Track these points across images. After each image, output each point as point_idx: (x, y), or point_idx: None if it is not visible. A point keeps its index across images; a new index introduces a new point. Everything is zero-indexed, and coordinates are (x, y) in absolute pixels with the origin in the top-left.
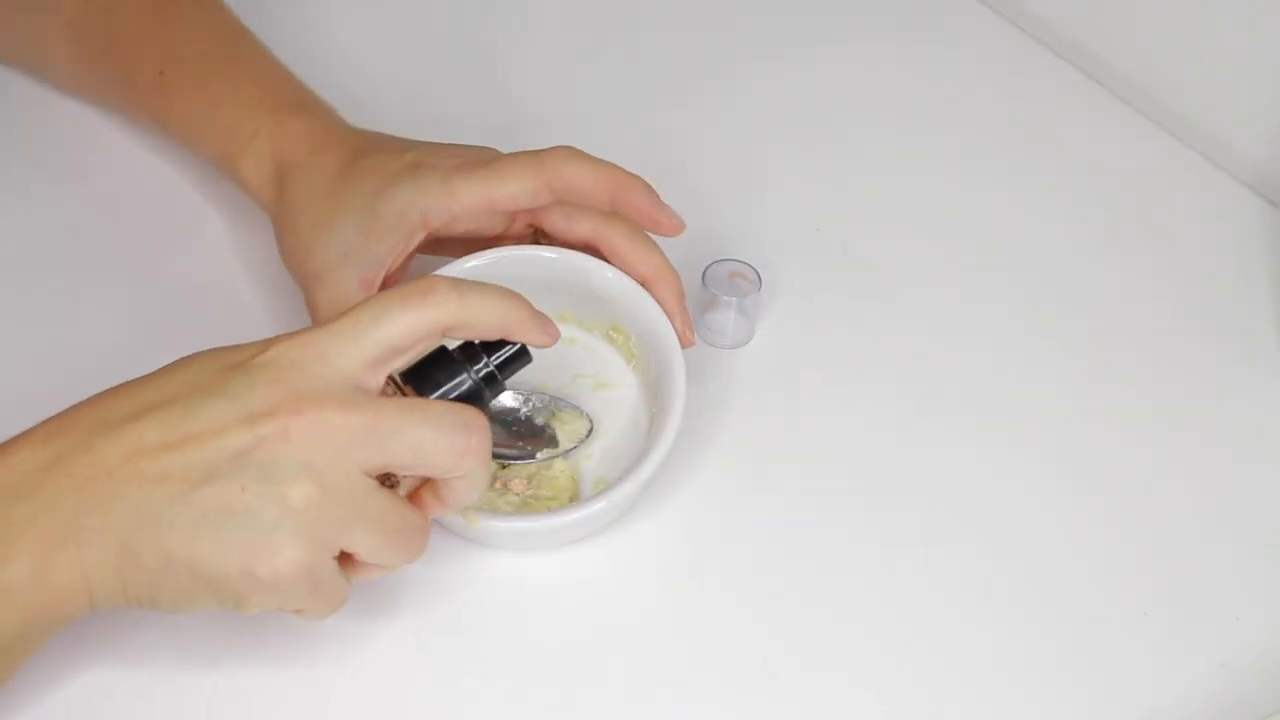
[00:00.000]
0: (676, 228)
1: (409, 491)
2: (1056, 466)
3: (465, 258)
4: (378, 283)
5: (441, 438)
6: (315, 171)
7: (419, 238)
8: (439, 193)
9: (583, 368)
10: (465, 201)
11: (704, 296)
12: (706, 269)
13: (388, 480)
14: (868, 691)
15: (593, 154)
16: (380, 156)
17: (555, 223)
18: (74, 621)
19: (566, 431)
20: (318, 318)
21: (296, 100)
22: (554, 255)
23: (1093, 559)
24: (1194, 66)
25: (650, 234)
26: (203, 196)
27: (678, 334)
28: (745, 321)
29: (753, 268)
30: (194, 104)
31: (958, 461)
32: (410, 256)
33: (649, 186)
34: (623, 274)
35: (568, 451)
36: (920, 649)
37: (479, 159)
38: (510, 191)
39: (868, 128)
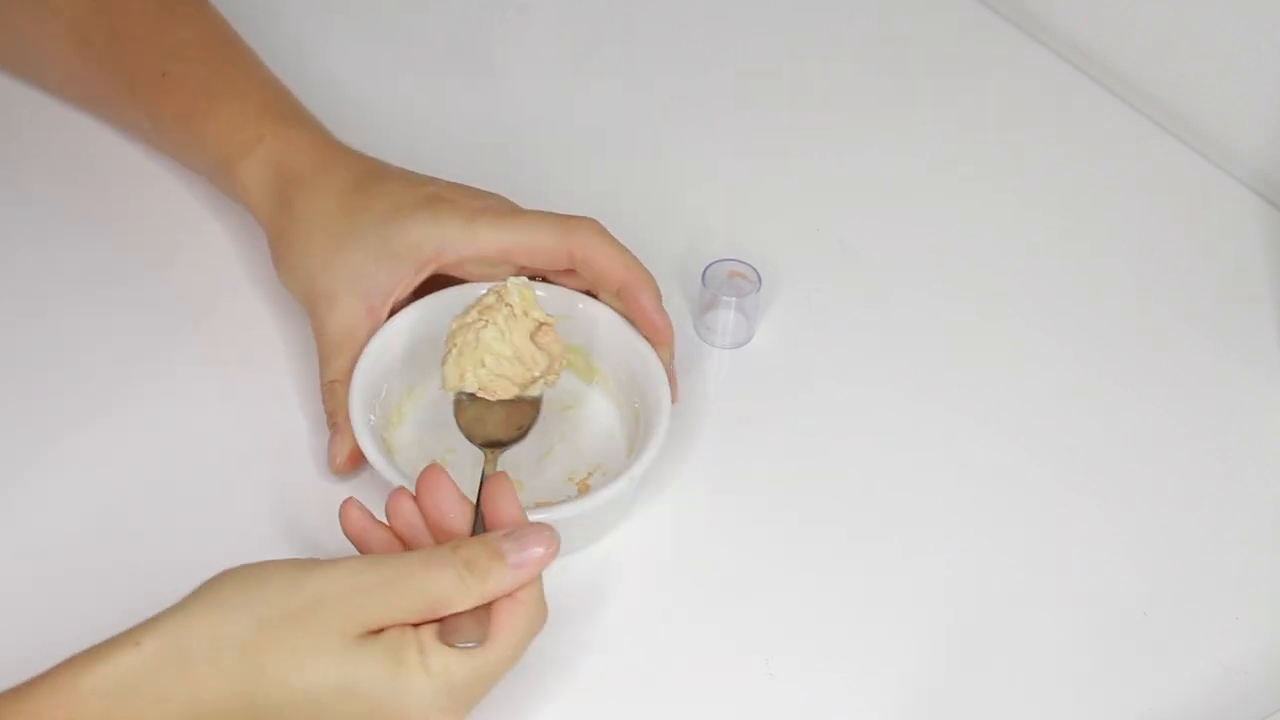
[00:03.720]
0: (668, 337)
1: None
2: (1056, 466)
3: (409, 308)
4: (383, 312)
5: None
6: (325, 190)
7: (429, 271)
8: (460, 233)
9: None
10: (487, 246)
11: (704, 296)
12: (706, 269)
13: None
14: (866, 692)
15: (615, 234)
16: (395, 184)
17: None
18: None
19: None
20: (325, 340)
21: (297, 113)
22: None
23: (1092, 559)
24: (1194, 66)
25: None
26: (202, 205)
27: (658, 334)
28: (745, 321)
29: (753, 268)
30: (196, 105)
31: (956, 460)
32: (416, 289)
33: (657, 288)
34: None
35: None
36: (919, 649)
37: (498, 206)
38: (533, 246)
39: (867, 127)
